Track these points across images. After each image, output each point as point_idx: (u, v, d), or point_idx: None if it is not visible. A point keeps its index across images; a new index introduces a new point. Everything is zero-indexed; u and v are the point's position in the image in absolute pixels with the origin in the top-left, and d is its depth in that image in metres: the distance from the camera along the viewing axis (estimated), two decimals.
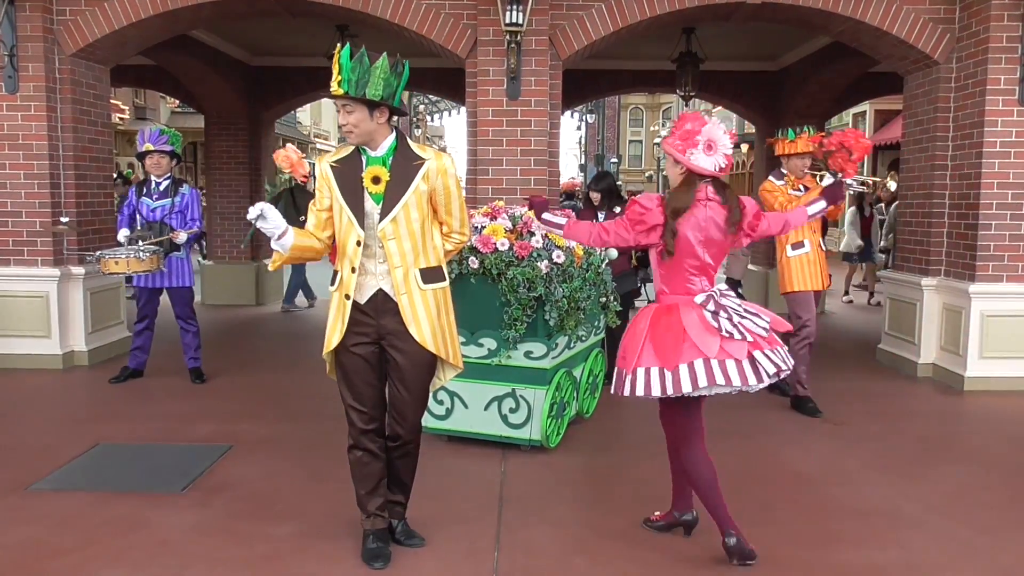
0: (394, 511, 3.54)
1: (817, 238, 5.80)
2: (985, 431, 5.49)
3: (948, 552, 3.58)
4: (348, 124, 3.16)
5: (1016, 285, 6.43)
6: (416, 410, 3.36)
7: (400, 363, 3.28)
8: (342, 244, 3.25)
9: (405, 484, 3.54)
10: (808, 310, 5.73)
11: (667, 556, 3.50)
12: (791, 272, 5.75)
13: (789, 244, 5.74)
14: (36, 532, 3.65)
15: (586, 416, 5.50)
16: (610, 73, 11.04)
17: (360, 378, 3.30)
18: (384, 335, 3.27)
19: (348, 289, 3.23)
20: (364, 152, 3.23)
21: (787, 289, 5.79)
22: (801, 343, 5.69)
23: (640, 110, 53.38)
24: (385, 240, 3.19)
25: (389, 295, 3.24)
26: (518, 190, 6.66)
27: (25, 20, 6.64)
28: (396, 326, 3.24)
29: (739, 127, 25.45)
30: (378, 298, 3.24)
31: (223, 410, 5.67)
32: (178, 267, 6.24)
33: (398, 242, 3.20)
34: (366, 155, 3.23)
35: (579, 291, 4.79)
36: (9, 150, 6.75)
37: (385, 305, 3.24)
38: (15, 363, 6.72)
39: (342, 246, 3.25)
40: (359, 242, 3.20)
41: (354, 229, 3.20)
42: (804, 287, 5.71)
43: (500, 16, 6.31)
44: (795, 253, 5.74)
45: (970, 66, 6.53)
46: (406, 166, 3.21)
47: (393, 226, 3.18)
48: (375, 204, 3.19)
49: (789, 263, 5.76)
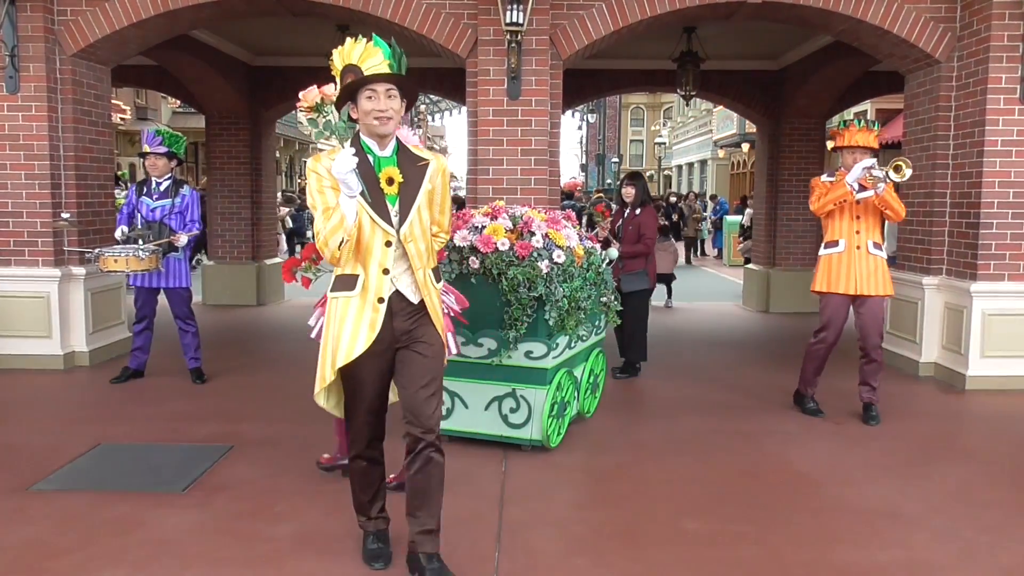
0: (425, 543, 3.15)
1: (863, 239, 5.32)
2: (987, 430, 5.48)
3: (950, 551, 3.57)
4: (390, 110, 2.99)
5: (1017, 284, 6.42)
6: (436, 406, 3.16)
7: (420, 362, 3.13)
8: (368, 245, 3.05)
9: (434, 504, 3.15)
10: (827, 315, 5.41)
11: (669, 556, 3.50)
12: (817, 271, 5.49)
13: (824, 241, 5.47)
14: (37, 532, 3.65)
15: (587, 416, 5.50)
16: (611, 72, 11.03)
17: (373, 387, 3.17)
18: (399, 336, 3.13)
19: (381, 292, 3.06)
20: (370, 151, 3.08)
21: (811, 287, 5.54)
22: (816, 344, 5.53)
23: (641, 110, 53.36)
24: (406, 242, 3.07)
25: (404, 296, 3.12)
26: (519, 190, 6.66)
27: (26, 20, 6.64)
28: (411, 326, 3.13)
29: (740, 126, 25.46)
30: (392, 300, 3.11)
31: (224, 410, 5.68)
32: (175, 268, 6.24)
33: (415, 243, 3.10)
34: (372, 154, 3.08)
35: (580, 291, 4.79)
36: (10, 150, 6.75)
37: (399, 306, 3.11)
38: (16, 363, 6.72)
39: (368, 247, 3.05)
40: (388, 243, 3.05)
41: (379, 230, 3.04)
42: (824, 288, 5.40)
43: (500, 15, 6.31)
44: (825, 252, 5.45)
45: (971, 65, 6.52)
46: (411, 166, 3.12)
47: (410, 228, 3.08)
48: (391, 205, 3.07)
49: (818, 261, 5.49)
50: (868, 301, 5.35)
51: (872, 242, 5.33)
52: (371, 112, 3.00)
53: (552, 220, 4.91)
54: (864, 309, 5.38)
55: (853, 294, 5.34)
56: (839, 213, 5.38)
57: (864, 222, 5.33)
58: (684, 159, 40.83)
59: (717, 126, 30.47)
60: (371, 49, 3.02)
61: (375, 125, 3.01)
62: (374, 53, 3.02)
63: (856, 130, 5.32)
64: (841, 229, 5.37)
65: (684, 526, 3.80)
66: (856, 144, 5.30)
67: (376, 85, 2.99)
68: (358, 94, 3.02)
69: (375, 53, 3.02)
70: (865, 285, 5.30)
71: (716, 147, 32.31)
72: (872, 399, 5.53)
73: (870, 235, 5.33)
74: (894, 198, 5.27)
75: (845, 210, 5.35)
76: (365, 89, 3.00)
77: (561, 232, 4.81)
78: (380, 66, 3.00)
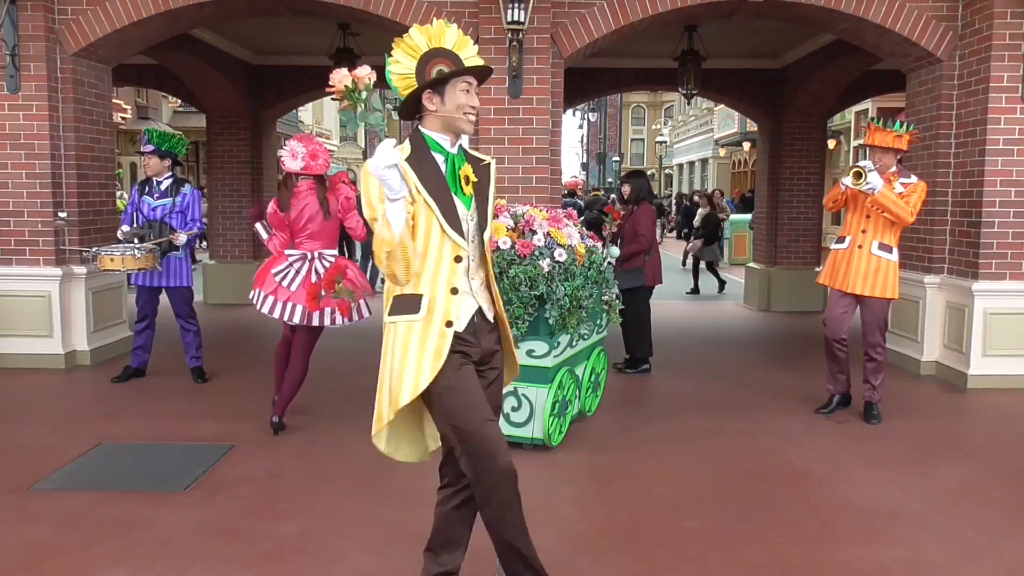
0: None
1: (868, 239, 5.29)
2: (988, 429, 5.48)
3: (952, 550, 3.57)
4: (476, 107, 2.70)
5: (1019, 283, 6.41)
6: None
7: (495, 388, 2.83)
8: (435, 259, 2.66)
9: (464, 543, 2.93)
10: (828, 306, 5.62)
11: (671, 553, 3.49)
12: (825, 264, 5.58)
13: (837, 236, 5.56)
14: (39, 532, 3.65)
15: (588, 414, 5.50)
16: (612, 71, 11.03)
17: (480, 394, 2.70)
18: (486, 358, 2.79)
19: (450, 315, 2.65)
20: (439, 148, 2.70)
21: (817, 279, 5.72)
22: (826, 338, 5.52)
23: (642, 108, 53.35)
24: (484, 252, 2.76)
25: (484, 314, 2.78)
26: (520, 188, 6.66)
27: (27, 19, 6.64)
28: (494, 345, 2.82)
29: (741, 125, 25.45)
30: (475, 319, 2.74)
31: (225, 409, 5.67)
32: (176, 267, 6.23)
33: (487, 252, 2.77)
34: (443, 151, 2.70)
35: (581, 289, 4.78)
36: (11, 149, 6.75)
37: (482, 324, 2.77)
38: (17, 363, 6.72)
39: (435, 262, 2.66)
40: (458, 258, 2.67)
41: (449, 240, 2.64)
42: (823, 281, 5.55)
43: (502, 14, 6.31)
44: (833, 247, 5.53)
45: (973, 63, 6.52)
46: (477, 167, 2.78)
47: (483, 235, 2.75)
48: (466, 209, 2.70)
49: (829, 255, 5.58)
50: (868, 301, 5.35)
51: (878, 243, 5.28)
52: (463, 106, 2.66)
53: (554, 219, 4.91)
54: (864, 309, 5.39)
55: (848, 292, 5.34)
56: (851, 210, 5.38)
57: (874, 222, 5.29)
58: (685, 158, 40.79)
59: (718, 125, 30.46)
60: (463, 38, 2.71)
61: (462, 120, 2.68)
62: (467, 43, 2.71)
63: (874, 129, 5.28)
64: (850, 226, 5.39)
65: (685, 525, 3.80)
66: (873, 144, 5.28)
67: (472, 78, 2.69)
68: (449, 84, 2.65)
69: (468, 43, 2.71)
70: (861, 285, 5.29)
71: (717, 146, 32.29)
72: (872, 398, 5.52)
73: (877, 236, 5.28)
74: (892, 201, 5.15)
75: (856, 209, 5.34)
76: (461, 81, 2.66)
77: (563, 231, 4.81)
78: (477, 59, 2.70)
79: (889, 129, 5.22)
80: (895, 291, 5.36)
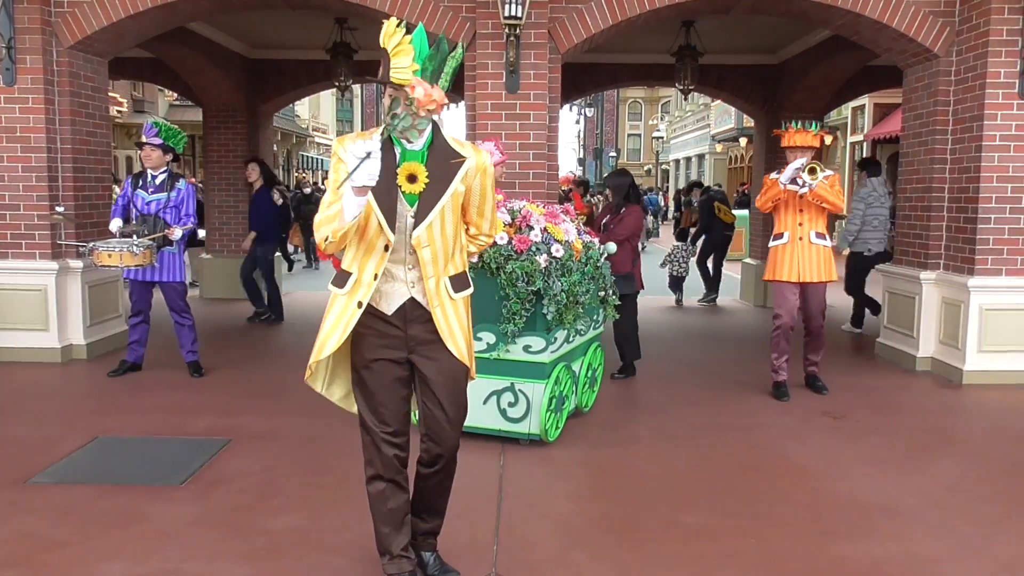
0: (425, 543, 3.16)
1: (805, 231, 5.76)
2: (984, 425, 5.50)
3: (947, 545, 3.58)
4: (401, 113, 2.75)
5: (1015, 279, 6.43)
6: (456, 427, 2.97)
7: (433, 377, 2.92)
8: (367, 245, 2.86)
9: (439, 511, 3.16)
10: (778, 301, 5.90)
11: (667, 549, 3.51)
12: (768, 262, 5.99)
13: (772, 234, 5.96)
14: (35, 525, 3.65)
15: (585, 410, 5.51)
16: (609, 67, 11.02)
17: (388, 395, 2.92)
18: (414, 347, 2.92)
19: (363, 296, 2.85)
20: (398, 143, 2.82)
21: (763, 277, 6.09)
22: (775, 331, 5.95)
23: (639, 104, 53.34)
24: (419, 248, 2.83)
25: (420, 303, 2.89)
26: (516, 184, 6.65)
27: (23, 12, 6.61)
28: (427, 335, 2.91)
29: (738, 121, 25.46)
30: (407, 307, 2.89)
31: (222, 403, 5.67)
32: (170, 262, 6.22)
33: (432, 249, 2.85)
34: (401, 147, 2.82)
35: (578, 285, 4.79)
36: (7, 143, 6.73)
37: (414, 313, 2.89)
38: (13, 356, 6.71)
39: (367, 247, 2.86)
40: (387, 247, 2.83)
41: (383, 233, 2.81)
42: (772, 277, 5.89)
43: (499, 9, 6.29)
44: (772, 244, 5.94)
45: (970, 59, 6.52)
46: (444, 164, 2.83)
47: (428, 232, 2.82)
48: (408, 206, 2.82)
49: (769, 253, 5.99)
50: (811, 287, 5.85)
51: (815, 232, 5.78)
52: (385, 110, 2.81)
53: (551, 214, 4.91)
54: (811, 294, 5.88)
55: (796, 281, 5.79)
56: (784, 208, 5.85)
57: (807, 215, 5.77)
58: (682, 153, 40.83)
59: (715, 120, 30.47)
60: (404, 47, 2.72)
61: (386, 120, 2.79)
62: (405, 52, 2.72)
63: (795, 131, 5.75)
64: (785, 222, 5.85)
65: (681, 519, 3.81)
66: (795, 144, 5.73)
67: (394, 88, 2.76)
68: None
69: (406, 52, 2.72)
70: (808, 272, 5.77)
71: (714, 141, 32.32)
72: (815, 371, 6.17)
73: (812, 226, 5.78)
74: (829, 191, 5.63)
75: (789, 205, 5.81)
76: (388, 86, 2.78)
77: (560, 226, 4.81)
78: (403, 70, 2.71)
79: (808, 130, 5.74)
80: (834, 274, 5.87)
